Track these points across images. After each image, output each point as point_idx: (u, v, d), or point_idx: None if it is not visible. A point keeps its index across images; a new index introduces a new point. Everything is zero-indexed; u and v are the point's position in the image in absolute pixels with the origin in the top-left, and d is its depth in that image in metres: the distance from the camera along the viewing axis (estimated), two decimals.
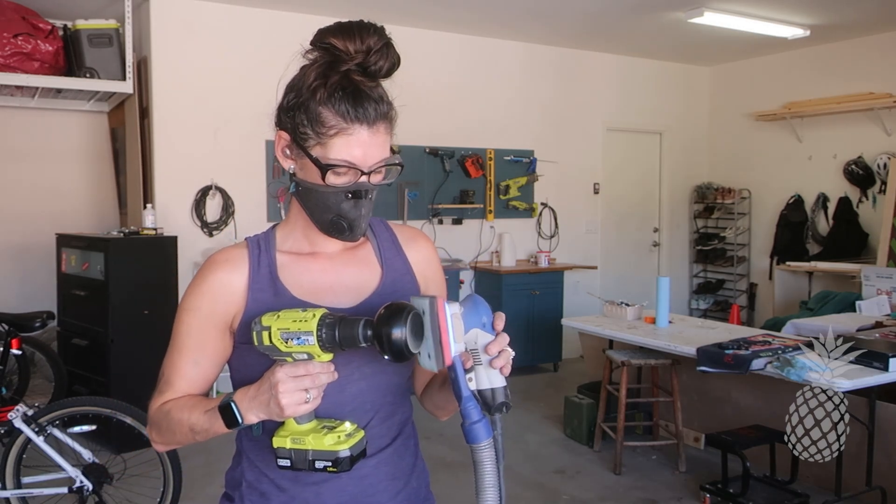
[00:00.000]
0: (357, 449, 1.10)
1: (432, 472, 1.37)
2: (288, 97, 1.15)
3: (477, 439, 1.04)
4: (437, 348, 1.02)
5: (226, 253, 1.22)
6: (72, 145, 5.70)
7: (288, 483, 1.18)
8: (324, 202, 1.14)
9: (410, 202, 6.16)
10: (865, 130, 6.50)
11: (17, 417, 3.07)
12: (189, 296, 1.20)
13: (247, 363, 1.18)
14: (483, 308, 1.06)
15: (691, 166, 7.91)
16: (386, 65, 1.13)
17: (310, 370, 1.04)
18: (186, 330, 1.19)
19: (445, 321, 1.02)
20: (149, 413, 1.21)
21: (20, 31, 4.65)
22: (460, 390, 1.05)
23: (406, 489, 1.26)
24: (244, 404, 1.08)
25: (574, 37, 6.61)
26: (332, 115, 1.10)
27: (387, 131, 1.14)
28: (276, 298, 1.17)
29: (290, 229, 1.24)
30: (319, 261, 1.23)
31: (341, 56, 1.10)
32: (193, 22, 5.36)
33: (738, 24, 5.87)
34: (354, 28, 1.11)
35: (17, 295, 5.28)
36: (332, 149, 1.10)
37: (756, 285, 7.58)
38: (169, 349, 1.21)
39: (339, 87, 1.10)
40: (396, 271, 1.27)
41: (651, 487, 3.93)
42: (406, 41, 6.33)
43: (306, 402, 1.04)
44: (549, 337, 6.27)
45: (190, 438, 1.16)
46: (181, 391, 1.19)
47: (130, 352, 4.27)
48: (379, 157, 1.13)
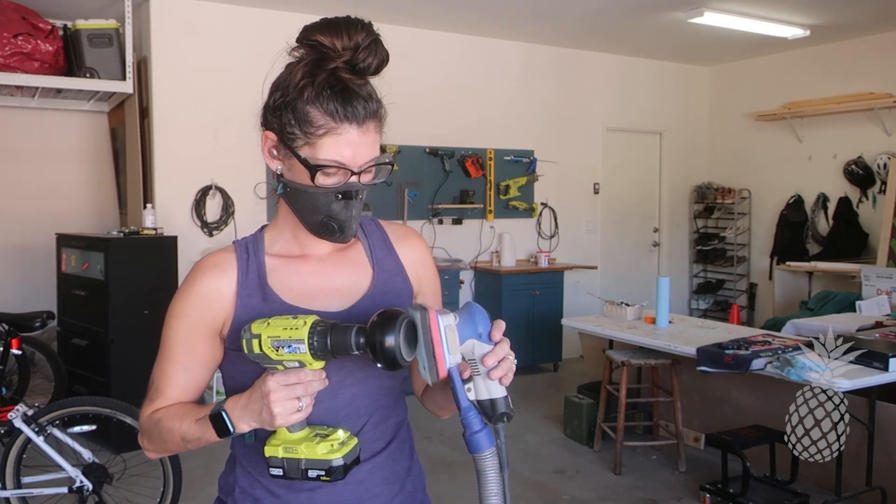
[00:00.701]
0: (350, 457, 1.08)
1: (432, 472, 1.37)
2: (274, 96, 1.12)
3: (479, 449, 1.02)
4: (431, 360, 1.00)
5: (213, 258, 1.19)
6: (72, 145, 5.69)
7: (282, 490, 1.17)
8: (313, 203, 1.11)
9: (410, 202, 6.16)
10: (865, 130, 6.50)
11: (17, 417, 3.07)
12: (177, 303, 1.18)
13: (240, 370, 1.16)
14: (480, 317, 1.03)
15: (691, 166, 7.91)
16: (374, 61, 1.09)
17: (301, 378, 1.02)
18: (175, 337, 1.17)
19: (438, 333, 0.99)
20: (140, 421, 1.20)
21: (20, 31, 4.65)
22: (459, 401, 1.03)
23: (402, 493, 1.24)
24: (236, 413, 1.06)
25: (574, 37, 6.61)
26: (320, 115, 1.07)
27: (376, 130, 1.11)
28: (266, 304, 1.15)
29: (278, 231, 1.22)
30: (309, 263, 1.20)
31: (329, 53, 1.07)
32: (193, 22, 5.36)
33: (738, 24, 5.87)
34: (341, 24, 1.08)
35: (17, 295, 5.28)
36: (320, 149, 1.07)
37: (756, 285, 7.58)
38: (158, 357, 1.19)
39: (328, 85, 1.07)
40: (388, 272, 1.24)
41: (651, 487, 3.93)
42: (406, 41, 6.34)
43: (299, 410, 1.03)
44: (549, 337, 6.27)
45: (182, 447, 1.14)
46: (172, 399, 1.17)
47: (130, 352, 4.28)
48: (369, 157, 1.10)
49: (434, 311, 1.01)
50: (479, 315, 1.04)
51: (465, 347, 1.02)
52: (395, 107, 1.08)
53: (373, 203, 5.95)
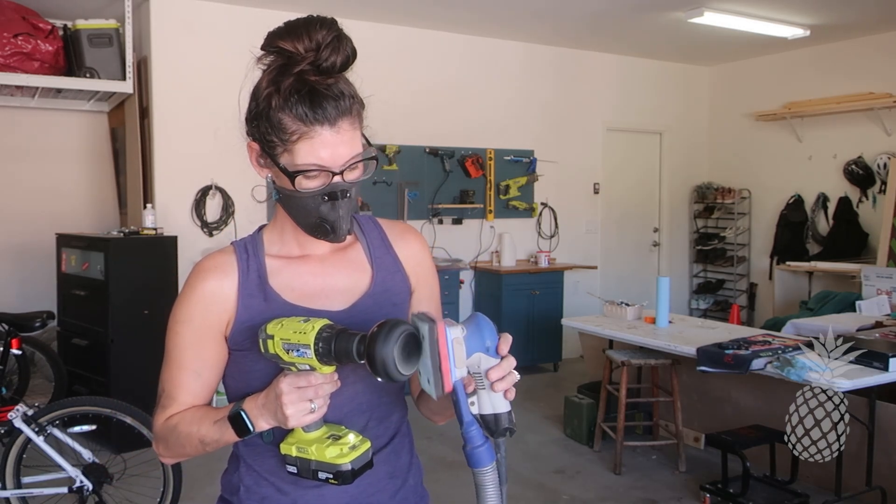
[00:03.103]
0: (360, 462, 1.07)
1: (432, 471, 1.38)
2: (250, 106, 1.13)
3: (480, 464, 1.01)
4: (437, 375, 0.98)
5: (213, 260, 1.19)
6: (72, 145, 5.69)
7: (290, 486, 1.18)
8: (303, 206, 1.12)
9: (410, 202, 6.16)
10: (865, 130, 6.50)
11: (17, 417, 3.07)
12: (180, 307, 1.17)
13: (242, 370, 1.17)
14: (488, 331, 1.02)
15: (691, 166, 7.91)
16: (339, 59, 1.08)
17: (311, 381, 1.03)
18: (182, 343, 1.17)
19: (446, 347, 0.97)
20: (154, 429, 1.20)
21: (20, 31, 4.65)
22: (462, 415, 1.01)
23: (404, 487, 1.26)
24: (254, 412, 1.08)
25: (574, 37, 6.61)
26: (291, 121, 1.07)
27: (353, 126, 1.10)
28: (267, 304, 1.16)
29: (278, 233, 1.22)
30: (310, 264, 1.21)
31: (293, 57, 1.08)
32: (193, 22, 5.36)
33: (738, 24, 5.87)
34: (301, 26, 1.08)
35: (17, 295, 5.28)
36: (297, 154, 1.08)
37: (756, 285, 7.58)
38: (166, 363, 1.19)
39: (294, 90, 1.06)
40: (387, 270, 1.25)
41: (651, 487, 3.93)
42: (406, 41, 6.34)
43: (311, 412, 1.04)
44: (549, 337, 6.27)
45: (200, 450, 1.15)
46: (186, 404, 1.18)
47: (130, 352, 4.28)
48: (348, 155, 1.09)
49: (443, 324, 0.98)
50: (487, 328, 1.02)
51: (472, 361, 1.01)
52: (395, 107, 1.08)
53: (373, 203, 5.96)
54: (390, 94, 6.11)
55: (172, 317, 1.18)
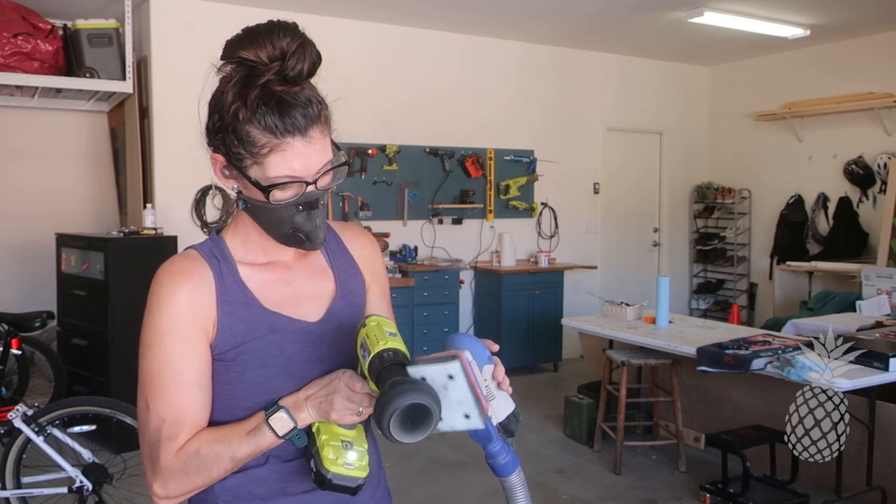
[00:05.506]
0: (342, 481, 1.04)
1: (432, 471, 1.39)
2: (213, 119, 1.09)
3: (507, 471, 1.04)
4: (478, 405, 0.95)
5: (180, 264, 1.13)
6: (72, 145, 5.69)
7: (277, 496, 1.15)
8: (276, 218, 1.09)
9: (410, 202, 6.16)
10: (865, 130, 6.50)
11: (17, 417, 3.07)
12: (161, 317, 1.08)
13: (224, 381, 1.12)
14: (480, 345, 1.04)
15: (691, 166, 7.91)
16: (306, 66, 1.04)
17: (362, 389, 1.02)
18: (172, 356, 1.07)
19: (474, 376, 0.96)
20: (160, 466, 1.06)
21: (20, 31, 4.65)
22: (490, 433, 1.02)
23: (380, 486, 1.28)
24: (299, 404, 1.06)
25: (574, 37, 6.61)
26: (260, 134, 1.03)
27: (323, 133, 1.07)
28: (248, 310, 1.12)
29: (241, 239, 1.18)
30: (277, 271, 1.18)
31: (257, 67, 1.03)
32: (193, 22, 5.35)
33: (739, 23, 5.87)
34: (262, 33, 1.04)
35: (17, 295, 5.28)
36: (269, 167, 1.04)
37: (756, 285, 7.58)
38: (156, 388, 1.07)
39: (261, 102, 1.02)
40: (347, 273, 1.25)
41: (651, 487, 3.93)
42: (407, 41, 6.34)
43: (358, 414, 1.03)
44: (549, 337, 6.27)
45: (229, 470, 1.07)
46: (196, 425, 1.08)
47: (130, 352, 4.21)
48: (320, 163, 1.07)
49: (462, 354, 0.96)
50: (477, 343, 1.04)
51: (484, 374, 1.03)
52: (395, 107, 1.08)
53: (373, 203, 5.96)
54: (390, 94, 6.12)
55: (152, 331, 1.08)
